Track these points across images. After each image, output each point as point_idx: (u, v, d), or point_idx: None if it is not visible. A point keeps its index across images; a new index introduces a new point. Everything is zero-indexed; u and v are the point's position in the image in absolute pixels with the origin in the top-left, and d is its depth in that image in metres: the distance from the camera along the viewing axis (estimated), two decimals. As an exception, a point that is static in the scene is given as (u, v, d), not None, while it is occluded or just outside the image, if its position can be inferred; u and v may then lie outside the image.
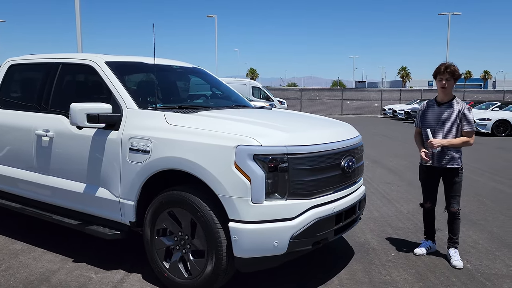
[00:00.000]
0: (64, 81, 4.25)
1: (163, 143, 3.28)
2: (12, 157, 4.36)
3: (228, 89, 4.97)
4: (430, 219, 4.34)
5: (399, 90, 37.84)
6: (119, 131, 3.55)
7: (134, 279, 3.62)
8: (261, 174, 2.96)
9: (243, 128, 3.22)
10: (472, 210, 5.88)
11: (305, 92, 38.16)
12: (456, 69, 3.98)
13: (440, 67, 4.01)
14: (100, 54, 4.11)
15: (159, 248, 3.43)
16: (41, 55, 4.59)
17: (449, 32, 33.55)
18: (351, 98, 36.51)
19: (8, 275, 3.68)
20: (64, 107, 3.86)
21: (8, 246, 4.35)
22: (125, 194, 3.52)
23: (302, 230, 3.08)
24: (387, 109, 31.79)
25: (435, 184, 4.20)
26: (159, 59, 4.39)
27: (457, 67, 3.99)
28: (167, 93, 4.39)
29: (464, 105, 4.04)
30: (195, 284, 3.24)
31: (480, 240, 4.70)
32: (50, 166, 4.03)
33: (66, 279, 3.62)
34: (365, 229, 5.00)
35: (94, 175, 3.71)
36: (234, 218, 3.00)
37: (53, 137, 3.96)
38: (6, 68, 4.69)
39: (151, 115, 3.55)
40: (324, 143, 3.31)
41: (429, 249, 4.27)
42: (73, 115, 3.45)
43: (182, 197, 3.22)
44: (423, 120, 4.19)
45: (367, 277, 3.73)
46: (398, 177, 8.27)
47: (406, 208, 5.93)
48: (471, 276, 3.78)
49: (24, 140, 4.20)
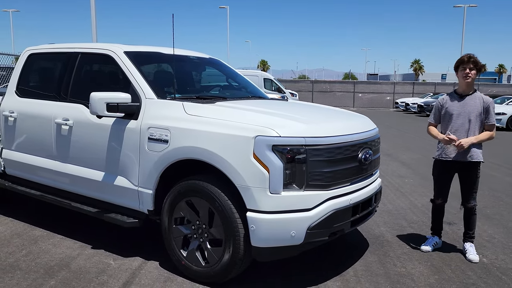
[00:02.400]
0: (83, 71, 4.29)
1: (182, 133, 3.31)
2: (32, 145, 4.43)
3: (245, 80, 4.98)
4: (439, 215, 4.28)
5: (412, 83, 37.47)
6: (138, 121, 3.59)
7: (151, 267, 3.68)
8: (280, 164, 2.98)
9: (262, 118, 3.23)
10: (487, 205, 5.84)
11: (316, 84, 37.98)
12: (478, 59, 3.94)
13: (463, 58, 3.96)
14: (119, 44, 4.14)
15: (177, 237, 3.48)
16: (60, 45, 4.63)
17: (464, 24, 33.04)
18: (363, 91, 36.26)
19: (28, 260, 3.76)
20: (83, 96, 3.90)
21: (28, 232, 4.45)
22: (143, 183, 3.56)
23: (319, 221, 3.10)
24: (399, 102, 31.51)
25: (449, 179, 4.13)
26: (177, 50, 4.40)
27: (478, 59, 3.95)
28: (184, 84, 4.41)
29: (488, 98, 3.97)
30: (212, 272, 3.28)
31: (495, 235, 4.67)
32: (69, 154, 4.10)
33: (86, 265, 3.69)
34: (379, 222, 5.01)
35: (113, 163, 3.76)
36: (252, 208, 3.03)
37: (73, 126, 4.01)
38: (26, 57, 4.75)
39: (169, 105, 3.58)
40: (341, 135, 3.31)
41: (435, 245, 4.21)
42: (93, 104, 3.49)
43: (200, 186, 3.25)
44: (447, 114, 4.01)
45: (382, 269, 3.74)
46: (412, 171, 8.23)
47: (420, 202, 5.91)
48: (487, 270, 3.77)
49: (43, 128, 4.27)
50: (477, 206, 4.13)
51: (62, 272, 3.55)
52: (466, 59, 3.93)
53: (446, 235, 4.53)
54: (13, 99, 4.64)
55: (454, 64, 4.01)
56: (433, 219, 4.34)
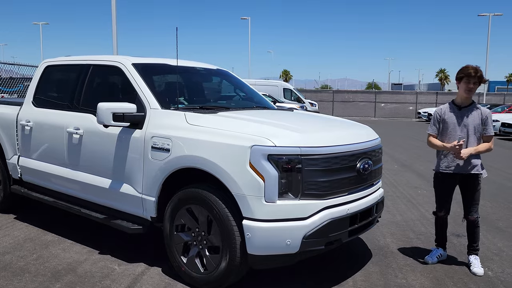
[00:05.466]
0: (94, 82, 4.47)
1: (183, 142, 3.41)
2: (47, 153, 4.62)
3: (251, 91, 5.07)
4: (442, 227, 4.23)
5: (435, 93, 36.88)
6: (143, 130, 3.72)
7: (154, 272, 3.77)
8: (275, 174, 3.04)
9: (259, 128, 3.30)
10: (500, 217, 5.71)
11: (338, 94, 37.83)
12: (482, 73, 3.91)
13: (469, 70, 3.86)
14: (128, 56, 4.30)
15: (178, 243, 3.57)
16: (74, 57, 4.84)
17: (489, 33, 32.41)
18: (386, 100, 35.89)
19: (38, 264, 3.91)
20: (93, 106, 4.05)
21: (41, 237, 4.62)
22: (147, 190, 3.67)
23: (314, 230, 3.13)
24: (422, 112, 31.06)
25: (450, 192, 4.07)
26: (184, 61, 4.54)
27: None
28: (190, 94, 4.54)
29: (485, 109, 3.97)
30: (210, 279, 3.35)
31: (505, 248, 4.57)
32: (79, 162, 4.26)
33: (91, 269, 3.82)
34: (385, 233, 4.97)
35: (119, 171, 3.89)
36: (247, 216, 3.09)
37: (83, 135, 4.18)
38: (43, 69, 4.98)
39: (172, 114, 3.69)
40: (338, 145, 3.34)
41: (439, 257, 4.16)
42: (100, 114, 3.64)
43: (199, 194, 3.34)
44: (446, 125, 3.98)
45: (382, 280, 3.72)
46: (427, 182, 8.10)
47: (430, 213, 5.81)
48: (490, 283, 3.70)
49: (57, 137, 4.46)
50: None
51: (68, 276, 3.68)
52: (473, 73, 3.84)
53: (453, 247, 4.47)
54: (30, 109, 4.86)
55: (458, 72, 3.96)
56: (436, 231, 4.29)
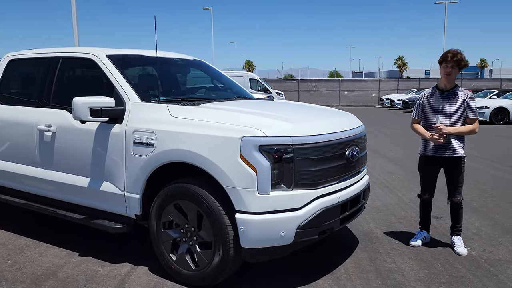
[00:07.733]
0: (65, 76, 4.23)
1: (168, 136, 3.28)
2: (14, 152, 4.34)
3: (230, 81, 4.96)
4: (426, 210, 4.32)
5: (396, 80, 37.88)
6: (123, 125, 3.54)
7: (141, 272, 3.63)
8: (267, 165, 2.97)
9: (248, 119, 3.22)
10: (474, 198, 5.91)
11: (302, 83, 38.13)
12: (462, 57, 3.92)
13: (447, 55, 3.93)
14: (101, 48, 4.08)
15: (166, 241, 3.44)
16: (40, 50, 4.56)
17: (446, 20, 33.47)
18: (349, 88, 36.50)
19: (14, 270, 3.69)
20: (66, 101, 3.84)
21: (13, 242, 4.36)
22: (130, 187, 3.52)
23: (308, 220, 3.10)
24: (384, 99, 31.80)
25: (435, 175, 4.16)
26: (160, 52, 4.36)
27: (463, 55, 3.94)
28: (169, 86, 4.37)
29: (468, 92, 4.02)
30: (203, 275, 3.26)
31: (482, 227, 4.73)
32: (53, 161, 4.03)
33: (73, 273, 3.63)
34: (368, 218, 5.03)
35: (98, 169, 3.70)
36: (240, 209, 3.01)
37: (56, 132, 3.94)
38: (6, 63, 4.66)
39: (154, 108, 3.54)
40: (328, 133, 3.31)
41: (424, 240, 4.25)
42: (76, 109, 3.44)
43: (188, 189, 3.23)
44: (427, 109, 4.06)
45: (372, 265, 3.75)
46: (399, 167, 8.29)
47: (407, 197, 5.96)
48: (475, 263, 3.81)
49: (26, 135, 4.19)
50: (464, 199, 4.17)
51: (49, 281, 3.49)
52: (449, 58, 3.91)
53: (434, 230, 4.57)
54: (-6, 107, 4.54)
55: (439, 58, 4.03)
56: (421, 214, 4.37)
